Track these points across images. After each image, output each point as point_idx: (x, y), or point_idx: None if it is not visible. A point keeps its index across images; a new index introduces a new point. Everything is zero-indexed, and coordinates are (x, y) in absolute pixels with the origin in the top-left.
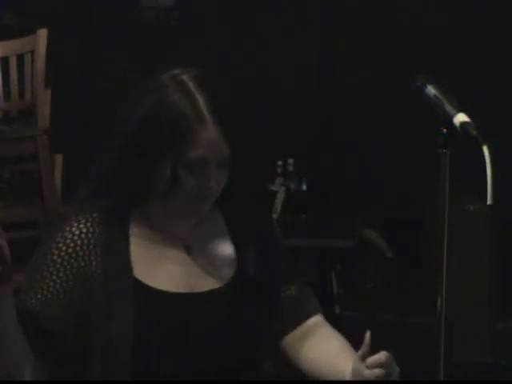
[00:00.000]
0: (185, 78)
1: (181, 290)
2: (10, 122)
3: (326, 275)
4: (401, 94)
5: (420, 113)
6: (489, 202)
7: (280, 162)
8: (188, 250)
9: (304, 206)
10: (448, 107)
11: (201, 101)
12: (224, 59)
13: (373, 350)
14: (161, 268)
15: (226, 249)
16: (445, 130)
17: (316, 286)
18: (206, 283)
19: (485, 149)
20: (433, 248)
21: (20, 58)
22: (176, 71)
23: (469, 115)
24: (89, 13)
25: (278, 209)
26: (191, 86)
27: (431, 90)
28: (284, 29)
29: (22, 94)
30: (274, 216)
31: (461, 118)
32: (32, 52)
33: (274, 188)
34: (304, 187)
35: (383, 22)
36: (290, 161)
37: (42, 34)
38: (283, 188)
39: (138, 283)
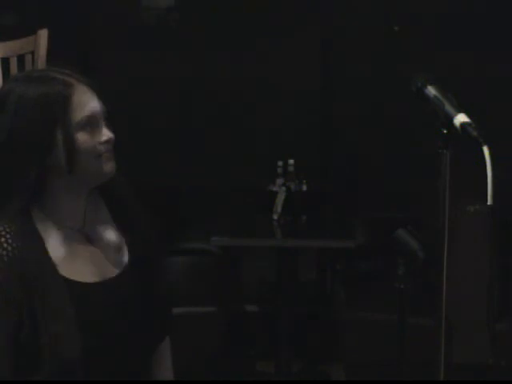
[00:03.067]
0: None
1: (95, 279)
2: None
3: (326, 275)
4: (401, 94)
5: (420, 113)
6: (489, 202)
7: (280, 163)
8: (88, 239)
9: (304, 206)
10: (448, 107)
11: (63, 74)
12: (224, 59)
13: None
14: (76, 262)
15: (116, 235)
16: (445, 131)
17: (316, 285)
18: (112, 270)
19: (485, 149)
20: (433, 248)
21: (20, 59)
22: None
23: (469, 115)
24: (89, 13)
25: (279, 209)
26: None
27: (431, 90)
28: (284, 29)
29: None
30: (275, 216)
31: (461, 118)
32: (32, 52)
33: (275, 188)
34: (304, 187)
35: (383, 22)
36: (291, 161)
37: (42, 34)
38: (283, 188)
39: (67, 280)
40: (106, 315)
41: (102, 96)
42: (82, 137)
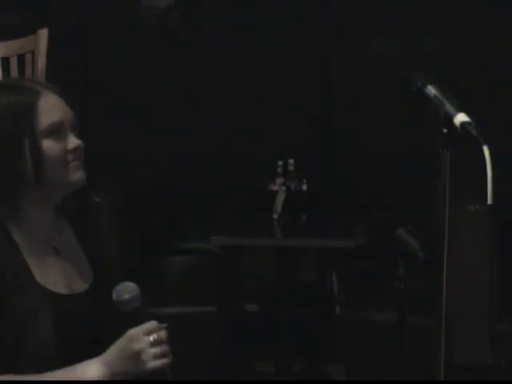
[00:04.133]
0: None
1: (65, 291)
2: None
3: (325, 275)
4: (401, 93)
5: (420, 113)
6: (489, 202)
7: (280, 162)
8: (58, 252)
9: (304, 205)
10: (448, 107)
11: (29, 82)
12: (224, 59)
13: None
14: (49, 272)
15: (80, 253)
16: (445, 130)
17: (316, 285)
18: (81, 284)
19: (485, 149)
20: (433, 248)
21: (20, 58)
22: None
23: (469, 115)
24: (89, 13)
25: (279, 209)
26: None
27: (431, 90)
28: (285, 28)
29: None
30: (275, 216)
31: (461, 117)
32: (32, 52)
33: (275, 188)
34: (304, 187)
35: (383, 22)
36: (291, 161)
37: (43, 34)
38: (283, 188)
39: (43, 289)
40: (74, 327)
41: (73, 105)
42: (48, 144)
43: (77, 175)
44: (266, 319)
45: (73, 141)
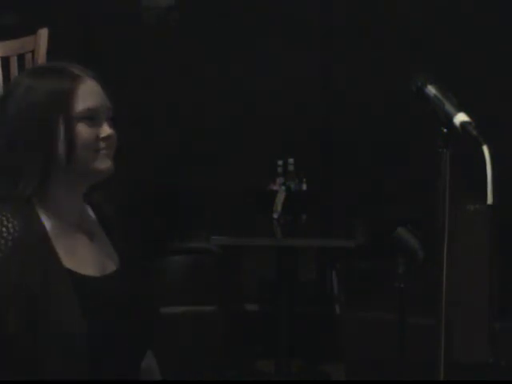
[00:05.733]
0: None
1: (95, 273)
2: None
3: (325, 275)
4: (401, 93)
5: (420, 113)
6: (489, 201)
7: (280, 162)
8: (89, 236)
9: (304, 205)
10: (448, 107)
11: (71, 67)
12: (224, 59)
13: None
14: (77, 255)
15: (105, 238)
16: (445, 130)
17: (316, 285)
18: (110, 266)
19: (485, 149)
20: (433, 248)
21: (20, 58)
22: None
23: (469, 115)
24: (89, 13)
25: (279, 208)
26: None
27: (431, 89)
28: (285, 28)
29: None
30: (275, 216)
31: (461, 117)
32: (32, 52)
33: (275, 188)
34: (304, 187)
35: (383, 22)
36: (291, 161)
37: (43, 33)
38: (283, 188)
39: (69, 271)
40: (107, 308)
41: (110, 96)
42: (81, 127)
43: (105, 164)
44: (265, 319)
45: (106, 129)
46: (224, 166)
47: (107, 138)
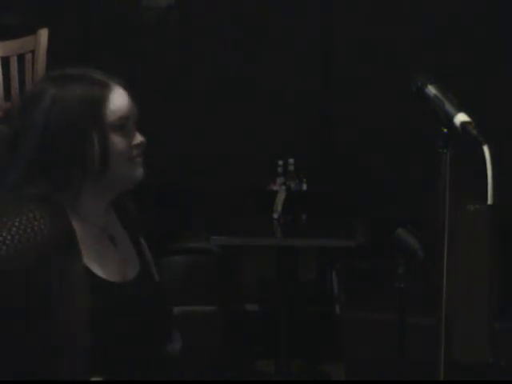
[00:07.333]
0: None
1: (118, 279)
2: None
3: (325, 275)
4: (401, 93)
5: (420, 113)
6: (489, 201)
7: (280, 162)
8: (113, 241)
9: (304, 205)
10: (448, 107)
11: (98, 75)
12: (224, 59)
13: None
14: (101, 258)
15: (129, 241)
16: (445, 130)
17: (316, 285)
18: (132, 272)
19: (485, 148)
20: (433, 248)
21: (20, 58)
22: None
23: (469, 115)
24: (89, 13)
25: (279, 208)
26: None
27: (431, 89)
28: (284, 28)
29: (22, 93)
30: (275, 216)
31: (461, 117)
32: (32, 52)
33: (275, 188)
34: (304, 187)
35: (383, 23)
36: (291, 160)
37: (42, 33)
38: (283, 188)
39: (91, 275)
40: (127, 314)
41: (133, 98)
42: (115, 138)
43: (139, 171)
44: (265, 319)
45: (138, 137)
46: (224, 166)
47: (139, 146)
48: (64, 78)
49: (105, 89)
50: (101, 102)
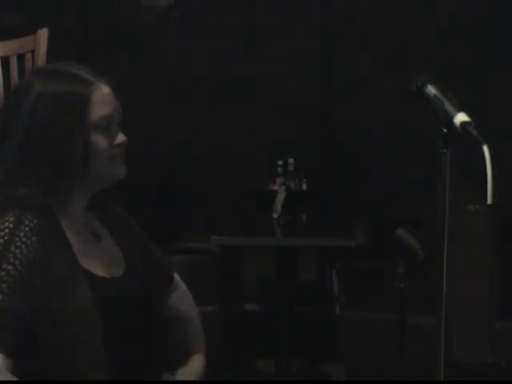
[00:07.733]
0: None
1: (107, 275)
2: None
3: (325, 275)
4: (401, 93)
5: (420, 113)
6: (489, 201)
7: (280, 162)
8: (97, 238)
9: (304, 205)
10: (448, 107)
11: (84, 72)
12: (224, 59)
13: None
14: (89, 255)
15: (110, 238)
16: (445, 130)
17: (316, 285)
18: (118, 268)
19: (485, 148)
20: (433, 248)
21: (20, 58)
22: None
23: (469, 115)
24: (89, 13)
25: (279, 208)
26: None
27: (431, 89)
28: (284, 28)
29: None
30: (275, 215)
31: (461, 117)
32: (32, 52)
33: (275, 188)
34: (304, 187)
35: (383, 23)
36: (291, 160)
37: (42, 33)
38: (283, 187)
39: (86, 272)
40: (120, 308)
41: (118, 97)
42: (97, 137)
43: (121, 170)
44: (265, 319)
45: (120, 136)
46: (224, 166)
47: (121, 145)
48: (50, 74)
49: (89, 87)
50: (84, 100)
